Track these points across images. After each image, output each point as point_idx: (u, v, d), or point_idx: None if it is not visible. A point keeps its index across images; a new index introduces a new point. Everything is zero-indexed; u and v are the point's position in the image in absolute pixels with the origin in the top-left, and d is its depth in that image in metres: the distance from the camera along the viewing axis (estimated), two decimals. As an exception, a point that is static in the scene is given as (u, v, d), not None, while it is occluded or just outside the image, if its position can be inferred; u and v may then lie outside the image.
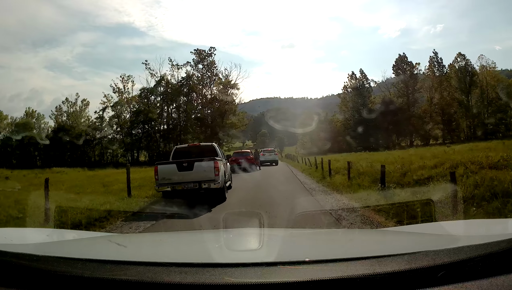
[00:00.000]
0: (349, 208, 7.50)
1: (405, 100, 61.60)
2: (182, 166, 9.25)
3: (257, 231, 2.18)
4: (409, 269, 1.06)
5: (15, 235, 2.09)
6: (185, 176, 9.13)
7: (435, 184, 8.32)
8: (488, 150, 14.75)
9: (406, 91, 62.11)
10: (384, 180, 9.30)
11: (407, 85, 62.06)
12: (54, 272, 1.13)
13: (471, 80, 58.66)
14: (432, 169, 10.32)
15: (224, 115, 55.24)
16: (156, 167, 9.46)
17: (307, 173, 19.84)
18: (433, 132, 59.36)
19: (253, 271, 1.10)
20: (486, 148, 16.46)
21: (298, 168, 25.73)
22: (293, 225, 5.32)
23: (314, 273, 1.05)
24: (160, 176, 9.24)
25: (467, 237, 1.61)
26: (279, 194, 10.51)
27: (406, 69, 63.11)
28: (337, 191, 10.74)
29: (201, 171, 9.17)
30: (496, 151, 13.30)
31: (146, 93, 55.07)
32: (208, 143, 12.29)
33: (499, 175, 7.30)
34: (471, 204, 6.13)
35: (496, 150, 14.32)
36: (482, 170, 8.60)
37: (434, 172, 9.80)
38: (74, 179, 20.37)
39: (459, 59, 60.61)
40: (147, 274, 1.08)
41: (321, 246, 1.85)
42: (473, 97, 58.55)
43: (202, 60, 56.97)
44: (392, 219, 5.87)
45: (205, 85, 57.70)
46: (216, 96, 56.07)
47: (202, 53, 57.20)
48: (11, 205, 8.35)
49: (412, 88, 62.03)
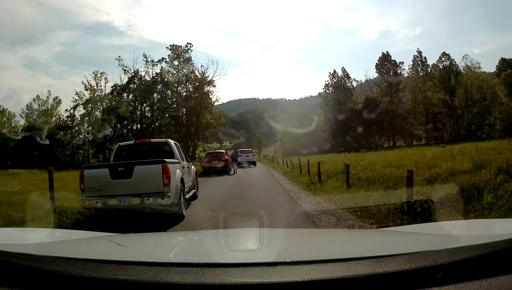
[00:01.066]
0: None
1: (388, 100, 59.66)
2: (117, 171, 6.64)
3: (257, 231, 2.18)
4: (409, 269, 1.06)
5: (15, 235, 2.09)
6: (121, 185, 6.55)
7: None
8: (496, 150, 12.87)
9: (390, 90, 60.34)
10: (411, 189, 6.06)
11: (390, 84, 60.21)
12: (54, 272, 1.13)
13: (455, 80, 57.49)
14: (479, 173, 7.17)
15: (199, 114, 52.19)
16: (81, 171, 6.82)
17: (290, 177, 16.74)
18: (416, 133, 58.64)
19: (253, 271, 1.10)
20: (492, 148, 14.77)
21: (279, 171, 22.75)
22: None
23: (314, 273, 1.05)
24: (86, 185, 6.65)
25: (467, 237, 1.61)
26: (258, 209, 7.58)
27: (389, 68, 61.44)
28: (335, 203, 7.88)
29: (144, 179, 6.61)
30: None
31: (119, 90, 51.55)
32: (162, 139, 9.51)
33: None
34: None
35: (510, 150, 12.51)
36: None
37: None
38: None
39: (444, 59, 59.37)
40: (147, 274, 1.08)
41: (321, 246, 1.85)
42: (457, 97, 57.42)
43: (178, 56, 53.64)
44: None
45: (180, 83, 54.52)
46: (191, 94, 53.19)
47: (178, 49, 53.80)
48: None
49: (395, 88, 60.37)
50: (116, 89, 51.63)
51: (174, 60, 53.74)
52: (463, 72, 57.95)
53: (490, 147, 16.00)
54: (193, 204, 9.08)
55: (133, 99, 52.77)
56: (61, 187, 11.08)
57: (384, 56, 62.24)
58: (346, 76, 65.55)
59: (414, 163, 12.66)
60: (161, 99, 53.70)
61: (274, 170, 23.94)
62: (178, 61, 53.83)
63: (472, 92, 56.09)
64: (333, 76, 65.61)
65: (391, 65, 61.67)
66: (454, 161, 10.03)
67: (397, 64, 61.64)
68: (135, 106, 51.99)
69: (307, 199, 9.15)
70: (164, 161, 6.86)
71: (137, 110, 52.75)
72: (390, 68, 61.29)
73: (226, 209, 7.39)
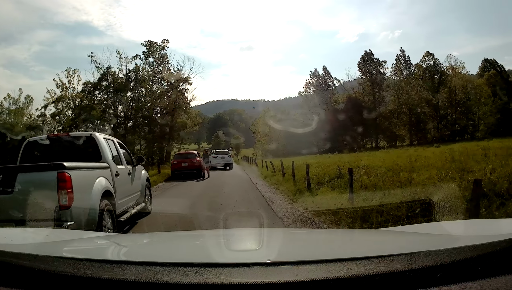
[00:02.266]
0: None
1: (371, 99, 58.01)
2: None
3: (257, 231, 2.18)
4: (409, 269, 1.06)
5: (15, 235, 2.09)
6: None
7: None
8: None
9: (372, 89, 58.37)
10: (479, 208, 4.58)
11: (373, 83, 58.42)
12: (54, 272, 1.13)
13: (439, 79, 56.42)
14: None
15: (174, 113, 48.80)
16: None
17: (271, 182, 14.50)
18: (399, 134, 57.39)
19: (253, 271, 1.10)
20: (499, 147, 13.73)
21: (258, 175, 20.06)
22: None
23: (314, 273, 1.05)
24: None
25: (467, 237, 1.61)
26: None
27: (372, 66, 59.54)
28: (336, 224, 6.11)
29: (30, 196, 4.24)
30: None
31: (90, 88, 48.12)
32: (85, 133, 6.60)
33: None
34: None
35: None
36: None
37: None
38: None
39: (427, 58, 58.02)
40: (147, 274, 1.08)
41: (321, 246, 1.85)
42: (440, 97, 55.89)
43: (153, 53, 50.78)
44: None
45: (155, 81, 51.64)
46: (165, 92, 49.66)
47: (153, 46, 50.77)
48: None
49: (378, 87, 58.60)
50: (87, 87, 48.23)
51: (149, 56, 50.84)
52: (447, 72, 56.87)
53: (497, 146, 14.76)
54: (141, 223, 7.12)
55: (105, 98, 49.22)
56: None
57: (367, 55, 60.23)
58: (328, 76, 63.58)
59: (428, 165, 10.71)
60: (134, 98, 50.44)
61: (253, 174, 21.07)
62: (153, 57, 51.01)
63: (456, 92, 54.90)
64: (314, 75, 63.76)
65: (374, 64, 59.94)
66: (492, 163, 8.01)
67: (380, 63, 60.02)
68: (107, 105, 48.26)
69: (296, 216, 7.06)
70: (63, 165, 4.41)
71: (109, 109, 48.96)
72: (373, 67, 59.68)
73: (186, 229, 5.55)
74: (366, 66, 59.89)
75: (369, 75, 59.42)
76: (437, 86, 56.10)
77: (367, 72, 59.78)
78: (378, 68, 59.96)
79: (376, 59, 60.22)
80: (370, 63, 59.95)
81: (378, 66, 59.99)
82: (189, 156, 21.15)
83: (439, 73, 57.07)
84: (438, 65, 57.57)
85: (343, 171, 10.63)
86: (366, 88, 59.31)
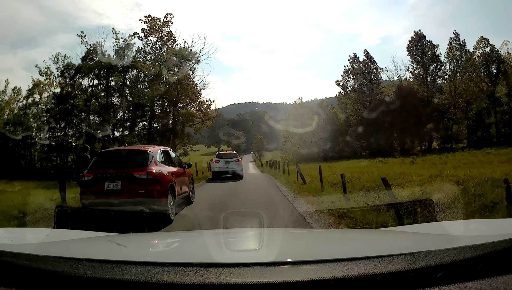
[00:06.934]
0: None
1: (425, 90, 46.28)
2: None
3: (257, 231, 2.18)
4: (409, 269, 1.06)
5: (15, 235, 2.09)
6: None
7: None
8: None
9: (425, 77, 46.82)
10: None
11: (426, 70, 47.15)
12: (54, 272, 1.13)
13: (498, 68, 45.06)
14: None
15: (176, 102, 37.89)
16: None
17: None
18: (457, 132, 46.18)
19: (253, 271, 1.10)
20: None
21: (305, 195, 10.45)
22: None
23: (314, 273, 1.05)
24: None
25: (467, 237, 1.61)
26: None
27: (425, 50, 48.10)
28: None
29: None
30: None
31: (72, 72, 36.77)
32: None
33: None
34: None
35: None
36: None
37: None
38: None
39: (482, 44, 46.20)
40: (147, 274, 1.08)
41: (321, 246, 1.85)
42: (499, 89, 44.60)
43: (155, 31, 40.26)
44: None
45: (159, 65, 39.46)
46: (165, 75, 36.95)
47: (155, 22, 40.00)
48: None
49: (433, 75, 47.26)
50: (68, 70, 37.01)
51: (150, 35, 40.37)
52: (507, 61, 45.55)
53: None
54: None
55: (90, 85, 37.40)
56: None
57: (418, 36, 49.06)
58: (370, 61, 50.91)
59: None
60: (128, 84, 38.98)
61: (301, 197, 10.30)
62: (155, 36, 40.57)
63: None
64: (353, 61, 51.33)
65: (426, 46, 48.60)
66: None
67: (433, 46, 48.48)
68: (93, 93, 37.67)
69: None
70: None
71: (100, 99, 38.05)
72: (426, 50, 48.35)
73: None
74: (417, 50, 48.96)
75: (422, 60, 48.47)
76: (495, 76, 45.39)
77: (418, 56, 48.84)
78: (432, 51, 48.68)
79: (429, 41, 49.26)
80: (422, 45, 48.89)
81: (432, 49, 48.77)
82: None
83: (497, 61, 45.52)
84: (496, 52, 45.97)
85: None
86: (417, 76, 48.30)
